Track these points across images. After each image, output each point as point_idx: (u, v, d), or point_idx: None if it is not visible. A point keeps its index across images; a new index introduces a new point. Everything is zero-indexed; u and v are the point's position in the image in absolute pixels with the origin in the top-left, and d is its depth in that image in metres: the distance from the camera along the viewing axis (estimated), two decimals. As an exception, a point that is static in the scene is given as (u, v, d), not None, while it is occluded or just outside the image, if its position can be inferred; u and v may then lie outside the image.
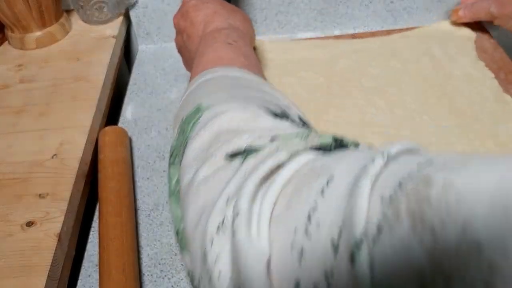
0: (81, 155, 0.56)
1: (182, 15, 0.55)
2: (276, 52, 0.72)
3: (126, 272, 0.44)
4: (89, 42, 0.74)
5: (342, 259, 0.19)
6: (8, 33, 0.74)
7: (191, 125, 0.34)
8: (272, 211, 0.24)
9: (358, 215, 0.19)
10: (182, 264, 0.49)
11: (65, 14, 0.77)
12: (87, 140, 0.58)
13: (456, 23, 0.73)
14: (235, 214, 0.23)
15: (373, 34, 0.75)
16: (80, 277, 0.49)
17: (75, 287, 0.49)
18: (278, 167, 0.26)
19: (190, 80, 0.43)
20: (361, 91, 0.64)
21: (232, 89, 0.37)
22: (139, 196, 0.56)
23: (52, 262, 0.45)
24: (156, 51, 0.80)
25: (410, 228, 0.17)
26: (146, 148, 0.62)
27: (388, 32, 0.75)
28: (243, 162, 0.27)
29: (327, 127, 0.59)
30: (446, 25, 0.74)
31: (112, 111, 0.70)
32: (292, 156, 0.26)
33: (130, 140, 0.63)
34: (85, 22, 0.78)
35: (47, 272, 0.44)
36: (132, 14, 0.78)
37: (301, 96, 0.64)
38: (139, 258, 0.50)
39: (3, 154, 0.57)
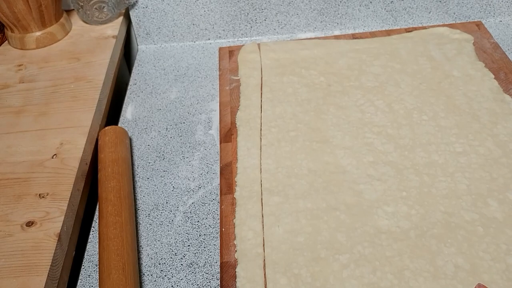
0: (81, 155, 0.56)
1: None
2: (278, 51, 0.72)
3: (126, 272, 0.45)
4: (89, 42, 0.74)
5: None
6: (8, 33, 0.74)
7: None
8: None
9: None
10: (181, 264, 0.49)
11: (65, 14, 0.77)
12: (87, 140, 0.58)
13: (455, 26, 0.73)
14: None
15: (373, 34, 0.75)
16: (80, 277, 0.49)
17: (75, 287, 0.49)
18: None
19: None
20: (361, 91, 0.64)
21: None
22: (139, 196, 0.56)
23: (52, 262, 0.45)
24: (156, 51, 0.80)
25: None
26: (146, 148, 0.62)
27: (388, 33, 0.75)
28: None
29: (327, 126, 0.59)
30: (444, 28, 0.74)
31: (112, 111, 0.70)
32: None
33: (130, 140, 0.63)
34: (85, 22, 0.78)
35: (47, 272, 0.45)
36: (132, 14, 0.78)
37: (302, 94, 0.64)
38: (139, 258, 0.50)
39: (3, 154, 0.57)
